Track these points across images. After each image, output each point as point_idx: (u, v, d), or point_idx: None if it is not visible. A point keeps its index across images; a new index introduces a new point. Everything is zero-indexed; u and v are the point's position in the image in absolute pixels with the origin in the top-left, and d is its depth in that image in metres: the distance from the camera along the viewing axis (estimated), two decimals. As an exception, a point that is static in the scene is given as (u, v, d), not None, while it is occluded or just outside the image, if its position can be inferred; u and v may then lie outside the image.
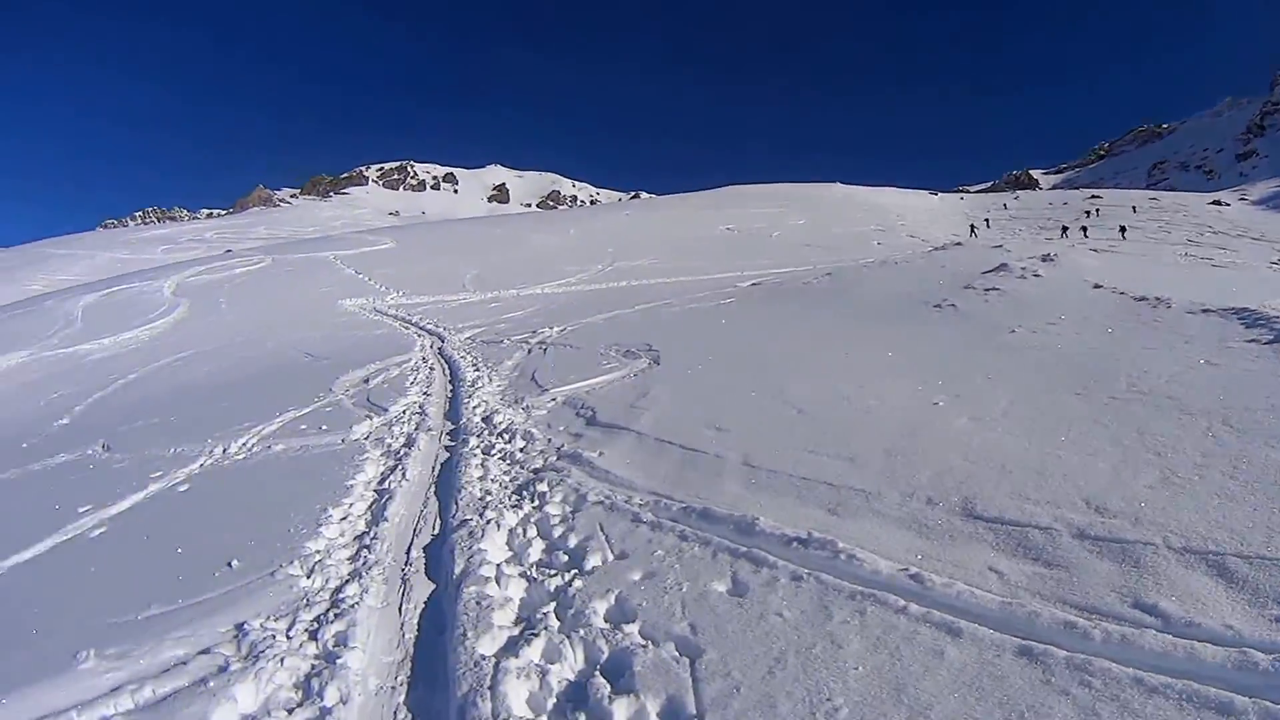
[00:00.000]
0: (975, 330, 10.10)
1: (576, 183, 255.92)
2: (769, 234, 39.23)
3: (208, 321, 24.03)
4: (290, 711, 3.69)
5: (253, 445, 8.73)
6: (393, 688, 3.91)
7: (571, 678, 3.66)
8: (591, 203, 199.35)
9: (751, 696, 3.23)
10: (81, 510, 7.06)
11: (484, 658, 3.82)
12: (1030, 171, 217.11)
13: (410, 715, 3.70)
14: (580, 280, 26.41)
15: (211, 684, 3.88)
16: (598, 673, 3.61)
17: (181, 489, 7.49)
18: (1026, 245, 31.19)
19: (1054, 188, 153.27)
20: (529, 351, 13.09)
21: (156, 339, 21.82)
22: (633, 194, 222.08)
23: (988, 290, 12.93)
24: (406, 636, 4.37)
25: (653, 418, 7.57)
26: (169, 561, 5.62)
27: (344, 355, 14.69)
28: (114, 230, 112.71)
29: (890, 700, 3.10)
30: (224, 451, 8.59)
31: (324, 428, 9.11)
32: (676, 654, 3.62)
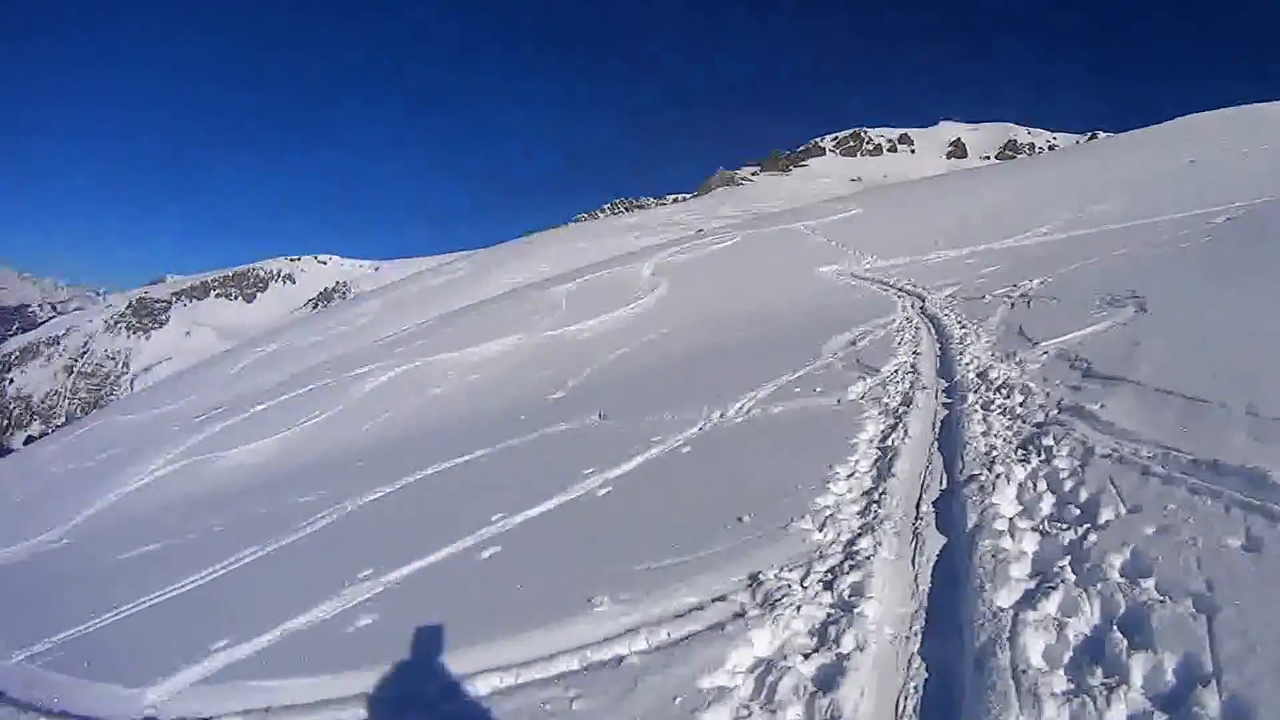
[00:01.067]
0: None
1: (1031, 130, 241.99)
2: (1236, 162, 34.75)
3: (688, 298, 25.58)
4: (806, 657, 3.91)
5: (749, 409, 9.31)
6: (907, 637, 4.03)
7: (1088, 632, 3.60)
8: (1050, 148, 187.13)
9: (1269, 658, 3.04)
10: (586, 472, 7.97)
11: (1001, 610, 3.86)
12: None
13: (924, 664, 3.81)
14: (1050, 230, 24.80)
15: (728, 629, 4.24)
16: (1114, 627, 3.53)
17: (684, 451, 8.24)
18: None
19: None
20: (1012, 305, 12.64)
21: (640, 317, 23.59)
22: (1089, 134, 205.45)
23: None
24: (920, 588, 4.48)
25: (1150, 367, 7.03)
26: (678, 516, 6.22)
27: (826, 320, 15.06)
28: (586, 223, 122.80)
29: None
30: (721, 416, 9.27)
31: (818, 389, 9.46)
32: (1193, 610, 3.44)
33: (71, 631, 7.75)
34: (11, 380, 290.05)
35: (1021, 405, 7.16)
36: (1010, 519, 4.86)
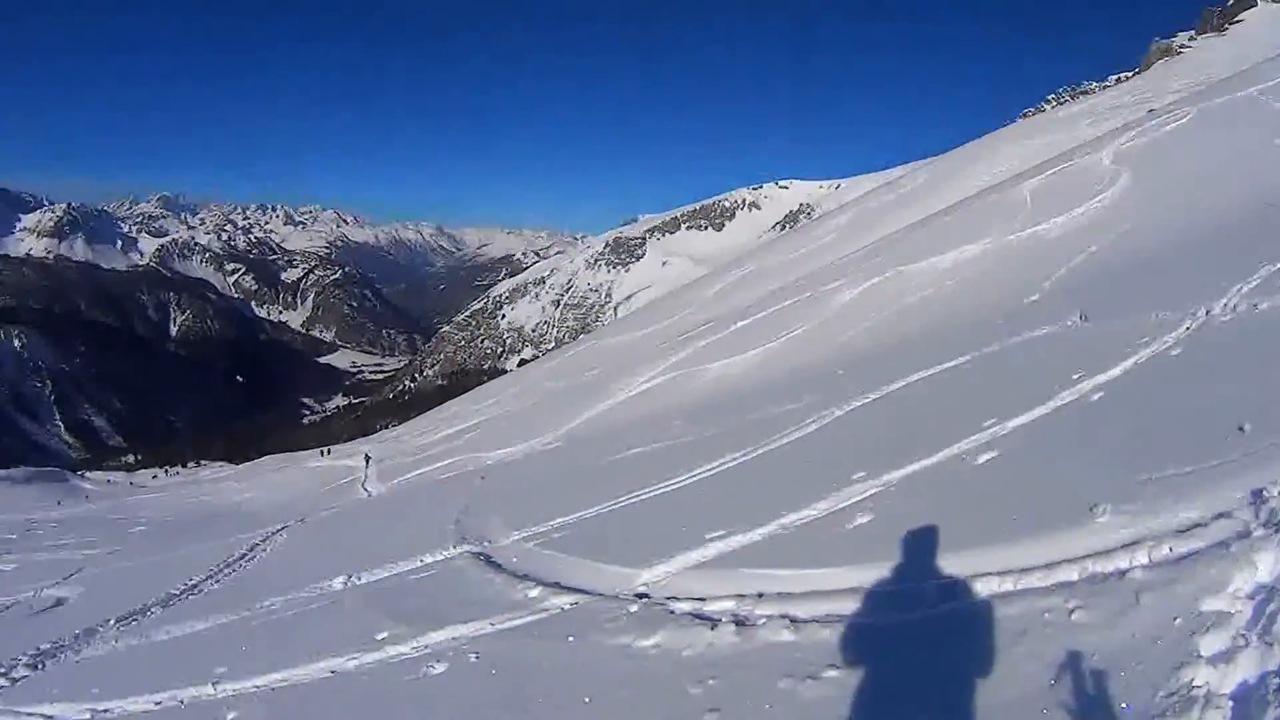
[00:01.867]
0: None
1: None
2: None
3: (1152, 185, 23.25)
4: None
5: (1237, 305, 8.44)
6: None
7: None
8: None
9: None
10: (1075, 377, 7.82)
11: None
12: None
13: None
14: None
15: (1233, 549, 3.94)
16: None
17: (1174, 353, 7.77)
18: None
19: None
20: None
21: (1107, 209, 21.80)
22: None
23: None
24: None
25: None
26: (1176, 424, 5.89)
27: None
28: (1034, 118, 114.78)
29: None
30: (1207, 314, 8.50)
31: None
32: None
33: (567, 518, 8.90)
34: (504, 316, 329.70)
35: None
36: None
